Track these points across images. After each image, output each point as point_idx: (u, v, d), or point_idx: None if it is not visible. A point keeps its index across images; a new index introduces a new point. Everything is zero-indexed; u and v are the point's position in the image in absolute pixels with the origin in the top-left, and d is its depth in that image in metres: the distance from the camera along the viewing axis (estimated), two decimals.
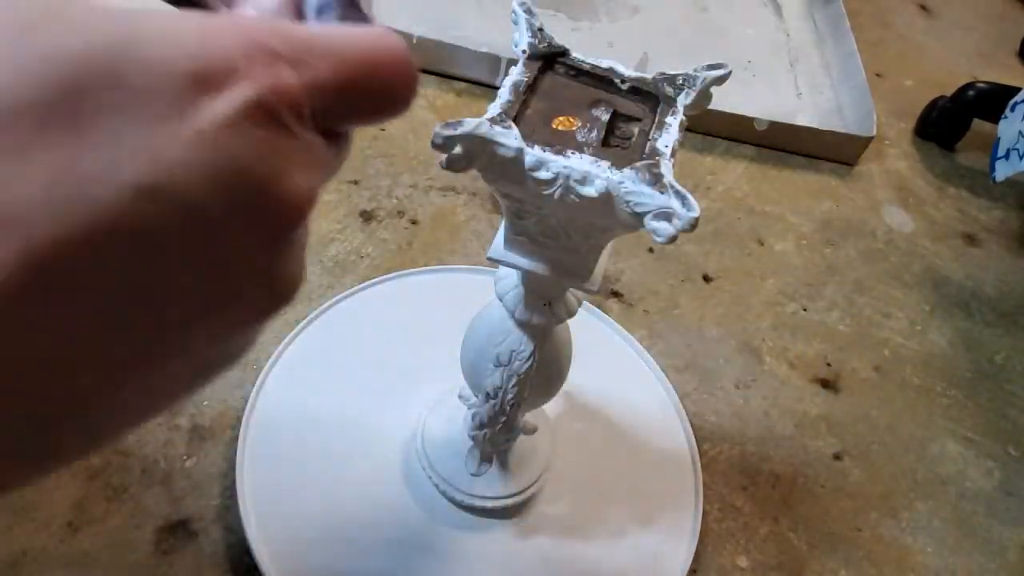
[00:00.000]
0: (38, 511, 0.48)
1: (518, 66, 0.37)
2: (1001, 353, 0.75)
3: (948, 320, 0.76)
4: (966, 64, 1.09)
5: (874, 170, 0.90)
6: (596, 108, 0.37)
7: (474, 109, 0.82)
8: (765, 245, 0.78)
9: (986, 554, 0.60)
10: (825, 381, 0.68)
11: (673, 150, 0.35)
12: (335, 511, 0.51)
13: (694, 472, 0.58)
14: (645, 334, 0.67)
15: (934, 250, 0.83)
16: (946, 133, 0.95)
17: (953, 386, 0.71)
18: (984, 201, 0.90)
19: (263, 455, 0.52)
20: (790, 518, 0.58)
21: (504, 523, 0.53)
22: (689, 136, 0.55)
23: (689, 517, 0.55)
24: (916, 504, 0.62)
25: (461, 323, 0.47)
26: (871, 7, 1.14)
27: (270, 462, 0.52)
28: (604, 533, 0.54)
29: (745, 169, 0.85)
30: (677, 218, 0.32)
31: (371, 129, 0.76)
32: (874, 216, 0.85)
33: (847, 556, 0.58)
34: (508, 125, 0.33)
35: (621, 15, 0.99)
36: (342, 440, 0.54)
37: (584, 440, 0.58)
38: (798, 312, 0.73)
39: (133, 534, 0.48)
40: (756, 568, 0.55)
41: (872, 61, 1.00)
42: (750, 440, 0.62)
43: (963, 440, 0.67)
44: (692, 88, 0.38)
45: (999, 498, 0.64)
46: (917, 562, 0.58)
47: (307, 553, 0.49)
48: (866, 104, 0.90)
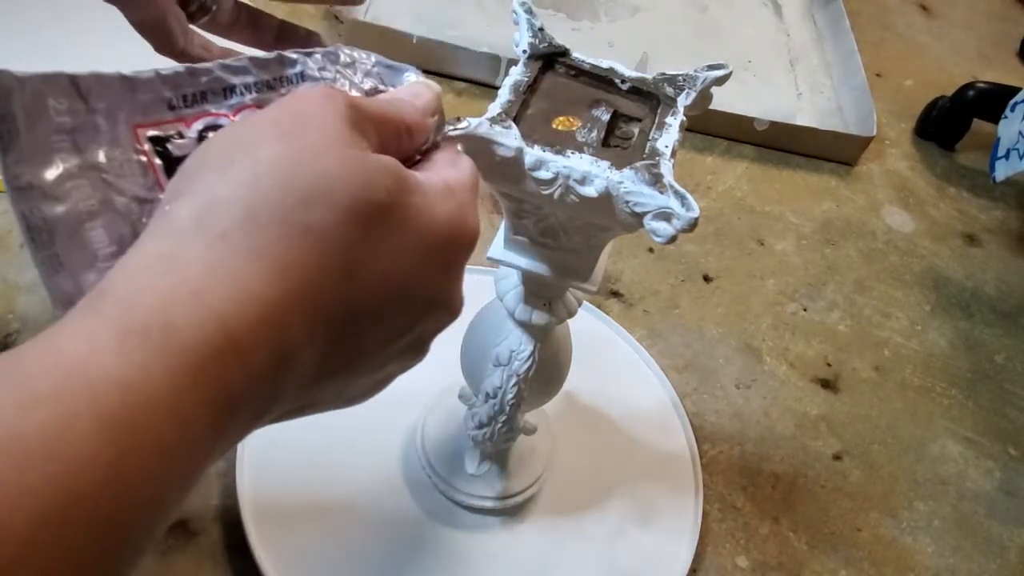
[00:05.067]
0: None
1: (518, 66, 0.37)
2: (1001, 353, 0.75)
3: (948, 320, 0.76)
4: (966, 64, 1.09)
5: (874, 170, 0.90)
6: (596, 108, 0.37)
7: (474, 109, 0.82)
8: (765, 245, 0.78)
9: (986, 554, 0.60)
10: (825, 381, 0.68)
11: (673, 150, 0.35)
12: (335, 511, 0.51)
13: (694, 472, 0.58)
14: (645, 334, 0.67)
15: (934, 250, 0.83)
16: (946, 133, 0.95)
17: (953, 386, 0.71)
18: (984, 201, 0.90)
19: (263, 455, 0.52)
20: (790, 518, 0.58)
21: (504, 523, 0.53)
22: (689, 136, 0.55)
23: (689, 517, 0.55)
24: (916, 504, 0.62)
25: (461, 323, 0.47)
26: (871, 7, 1.14)
27: (270, 462, 0.52)
28: (604, 533, 0.54)
29: (745, 169, 0.85)
30: (677, 218, 0.32)
31: None
32: (874, 216, 0.85)
33: (847, 556, 0.58)
34: (508, 125, 0.33)
35: (621, 15, 0.99)
36: (342, 440, 0.54)
37: (584, 440, 0.58)
38: (798, 312, 0.73)
39: None
40: (756, 568, 0.55)
41: (872, 61, 1.00)
42: (750, 440, 0.62)
43: (963, 440, 0.67)
44: (692, 88, 0.38)
45: (999, 498, 0.64)
46: (917, 562, 0.58)
47: (306, 553, 0.49)
48: (866, 104, 0.90)
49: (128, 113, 0.26)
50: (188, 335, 0.20)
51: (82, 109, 0.25)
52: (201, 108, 0.28)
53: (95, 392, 0.18)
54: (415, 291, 0.26)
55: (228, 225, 0.22)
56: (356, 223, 0.23)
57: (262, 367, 0.21)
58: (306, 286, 0.22)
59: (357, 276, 0.24)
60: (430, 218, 0.25)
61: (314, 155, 0.23)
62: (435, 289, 0.26)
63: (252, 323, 0.21)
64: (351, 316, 0.24)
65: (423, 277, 0.26)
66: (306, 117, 0.24)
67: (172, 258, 0.21)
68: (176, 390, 0.19)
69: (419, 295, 0.26)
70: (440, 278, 0.26)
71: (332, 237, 0.23)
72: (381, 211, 0.24)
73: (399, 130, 0.27)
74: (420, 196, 0.25)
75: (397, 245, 0.24)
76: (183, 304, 0.20)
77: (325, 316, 0.23)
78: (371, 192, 0.23)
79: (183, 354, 0.20)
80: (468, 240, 0.27)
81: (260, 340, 0.21)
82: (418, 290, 0.26)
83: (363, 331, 0.25)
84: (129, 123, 0.26)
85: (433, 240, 0.25)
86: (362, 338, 0.25)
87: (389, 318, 0.25)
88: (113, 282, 0.21)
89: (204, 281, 0.21)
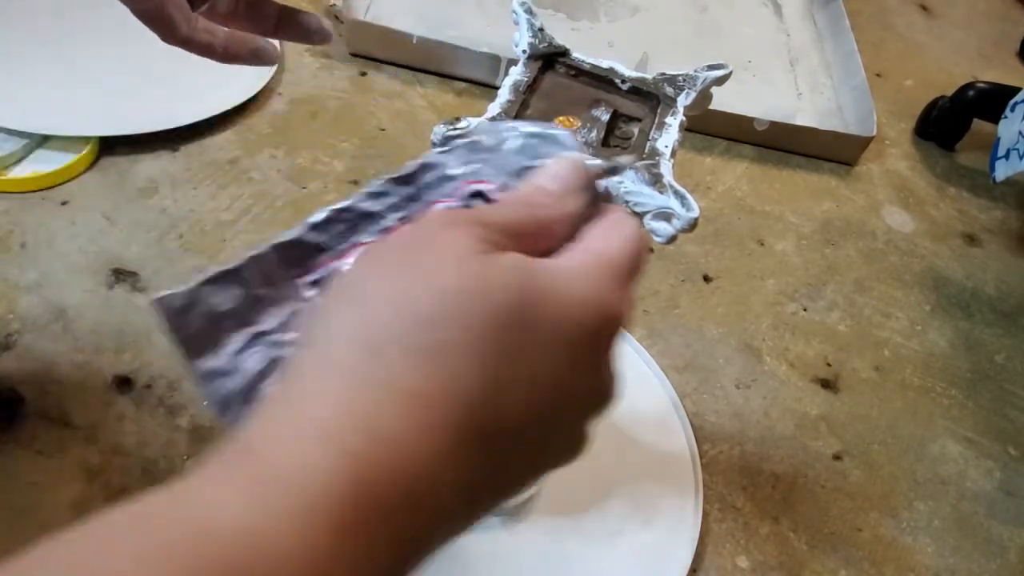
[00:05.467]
0: (38, 511, 0.48)
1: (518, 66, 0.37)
2: (1001, 353, 0.75)
3: (948, 320, 0.76)
4: (966, 64, 1.09)
5: (874, 170, 0.90)
6: (596, 108, 0.37)
7: (474, 109, 0.82)
8: (765, 245, 0.78)
9: (986, 554, 0.60)
10: (825, 381, 0.68)
11: (673, 150, 0.35)
12: None
13: (694, 472, 0.58)
14: (645, 334, 0.67)
15: (934, 250, 0.83)
16: (946, 133, 0.95)
17: (953, 386, 0.71)
18: (984, 201, 0.90)
19: None
20: (790, 518, 0.58)
21: (504, 523, 0.53)
22: (689, 136, 0.55)
23: (689, 517, 0.55)
24: (916, 504, 0.62)
25: None
26: (871, 7, 1.14)
27: None
28: (604, 533, 0.54)
29: (745, 169, 0.85)
30: (677, 218, 0.32)
31: (371, 130, 0.77)
32: (874, 216, 0.85)
33: (847, 556, 0.58)
34: None
35: (621, 15, 0.99)
36: None
37: None
38: (798, 312, 0.73)
39: None
40: (756, 568, 0.55)
41: (872, 61, 1.00)
42: (750, 440, 0.62)
43: (963, 440, 0.67)
44: (692, 88, 0.38)
45: (999, 498, 0.64)
46: (917, 562, 0.58)
47: None
48: (866, 104, 0.90)
49: (285, 271, 0.27)
50: (321, 484, 0.19)
51: (241, 293, 0.26)
52: (352, 241, 0.28)
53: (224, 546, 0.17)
54: (566, 390, 0.23)
55: (350, 359, 0.21)
56: (486, 334, 0.21)
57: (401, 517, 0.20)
58: (443, 415, 0.21)
59: (499, 391, 0.21)
60: (567, 307, 0.23)
61: (430, 276, 0.22)
62: (587, 383, 0.24)
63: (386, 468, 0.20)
64: (497, 436, 0.22)
65: (571, 373, 0.23)
66: (432, 233, 0.23)
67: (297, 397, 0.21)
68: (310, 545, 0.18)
69: (571, 394, 0.24)
70: (590, 370, 0.24)
71: (462, 355, 0.21)
72: (511, 315, 0.22)
73: (535, 232, 0.25)
74: (551, 287, 0.23)
75: (537, 347, 0.22)
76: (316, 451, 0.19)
77: (467, 443, 0.21)
78: (497, 295, 0.21)
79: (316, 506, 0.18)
80: (611, 321, 0.24)
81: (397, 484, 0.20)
82: (569, 389, 0.23)
83: (513, 447, 0.23)
84: (288, 279, 0.27)
85: (575, 331, 0.23)
86: (510, 455, 0.23)
87: (540, 426, 0.23)
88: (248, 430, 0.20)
89: (334, 424, 0.20)
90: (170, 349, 0.25)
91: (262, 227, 0.65)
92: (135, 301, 0.59)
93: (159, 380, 0.55)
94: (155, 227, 0.64)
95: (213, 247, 0.63)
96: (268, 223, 0.66)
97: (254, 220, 0.66)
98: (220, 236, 0.64)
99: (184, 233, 0.64)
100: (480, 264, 0.22)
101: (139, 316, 0.58)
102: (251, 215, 0.66)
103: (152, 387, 0.54)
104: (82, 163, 0.65)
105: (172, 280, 0.60)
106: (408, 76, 0.83)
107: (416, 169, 0.29)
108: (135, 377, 0.55)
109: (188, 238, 0.63)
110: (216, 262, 0.62)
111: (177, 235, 0.63)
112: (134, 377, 0.55)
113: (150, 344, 0.56)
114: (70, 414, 0.52)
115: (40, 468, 0.49)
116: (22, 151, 0.64)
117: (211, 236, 0.64)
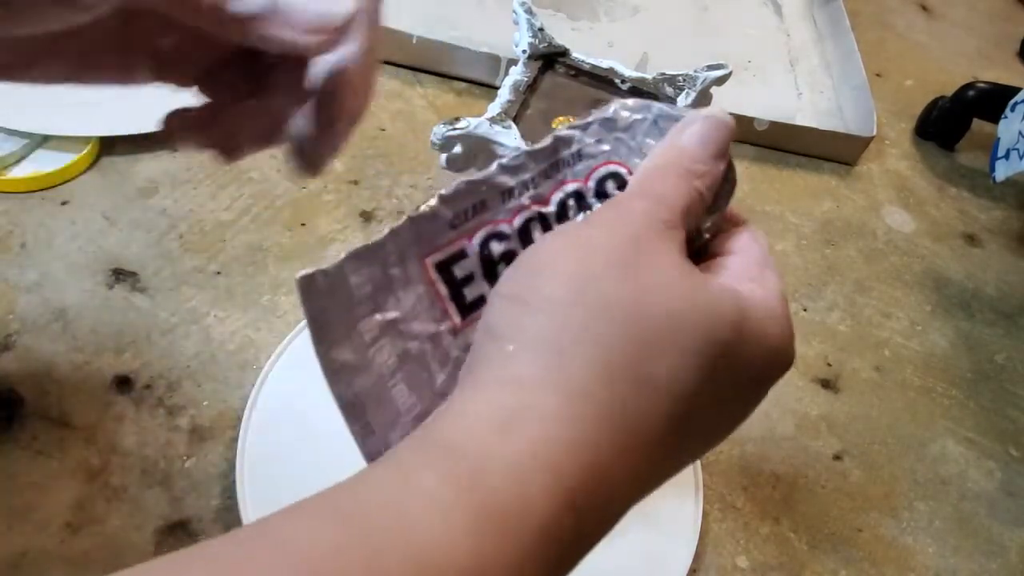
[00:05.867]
0: (38, 511, 0.48)
1: (518, 66, 0.37)
2: (1002, 353, 0.75)
3: (949, 320, 0.76)
4: (966, 64, 1.09)
5: (874, 170, 0.90)
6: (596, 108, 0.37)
7: (474, 109, 0.82)
8: None
9: (987, 555, 0.60)
10: (825, 381, 0.68)
11: None
12: None
13: (694, 472, 0.58)
14: None
15: (934, 250, 0.83)
16: (946, 133, 0.95)
17: (954, 386, 0.71)
18: (984, 201, 0.90)
19: (263, 455, 0.52)
20: (790, 518, 0.58)
21: None
22: None
23: (689, 517, 0.55)
24: (916, 504, 0.62)
25: None
26: (871, 7, 1.14)
27: (270, 462, 0.52)
28: None
29: (745, 169, 0.85)
30: None
31: (371, 129, 0.77)
32: (874, 216, 0.85)
33: (847, 556, 0.57)
34: (508, 125, 0.33)
35: (621, 15, 0.99)
36: (342, 440, 0.54)
37: None
38: (798, 312, 0.73)
39: (133, 535, 0.48)
40: (756, 568, 0.55)
41: (872, 61, 1.00)
42: (750, 440, 0.62)
43: (964, 440, 0.67)
44: (692, 88, 0.38)
45: (1000, 499, 0.64)
46: (917, 563, 0.58)
47: None
48: (866, 104, 0.90)
49: (417, 249, 0.26)
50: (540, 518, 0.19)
51: (379, 271, 0.25)
52: (480, 219, 0.27)
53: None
54: (736, 419, 0.25)
55: (584, 384, 0.20)
56: (700, 370, 0.22)
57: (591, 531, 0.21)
58: (646, 446, 0.21)
59: (690, 419, 0.22)
60: (765, 354, 0.24)
61: (660, 294, 0.22)
62: (749, 410, 0.25)
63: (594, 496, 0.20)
64: (675, 457, 0.23)
65: (744, 407, 0.25)
66: (639, 242, 0.22)
67: (522, 416, 0.20)
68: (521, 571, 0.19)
69: (736, 420, 0.25)
70: (756, 402, 0.25)
71: (677, 389, 0.21)
72: (724, 353, 0.22)
73: (699, 205, 0.26)
74: (758, 329, 0.24)
75: (730, 384, 0.23)
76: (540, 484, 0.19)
77: (655, 463, 0.23)
78: (717, 332, 0.22)
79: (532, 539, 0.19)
80: (789, 365, 0.26)
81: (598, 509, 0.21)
82: (739, 416, 0.25)
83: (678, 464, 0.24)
84: (419, 258, 0.26)
85: (765, 374, 0.24)
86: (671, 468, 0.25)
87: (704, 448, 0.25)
88: (454, 435, 0.20)
89: (562, 456, 0.20)
90: (170, 349, 0.25)
91: (262, 227, 0.65)
92: (135, 301, 0.59)
93: (159, 380, 0.55)
94: (155, 227, 0.64)
95: (213, 247, 0.63)
96: (268, 223, 0.66)
97: (254, 220, 0.66)
98: (220, 236, 0.64)
99: (184, 233, 0.64)
100: (703, 291, 0.23)
101: (139, 316, 0.58)
102: (251, 215, 0.66)
103: (152, 387, 0.54)
104: (82, 163, 0.65)
105: (172, 280, 0.60)
106: (408, 76, 0.83)
107: (552, 143, 0.28)
108: (135, 377, 0.55)
109: (188, 238, 0.63)
110: (216, 262, 0.62)
111: (177, 235, 0.63)
112: (134, 377, 0.55)
113: (150, 344, 0.56)
114: (70, 414, 0.52)
115: (40, 468, 0.49)
116: (22, 151, 0.64)
117: (211, 236, 0.64)
